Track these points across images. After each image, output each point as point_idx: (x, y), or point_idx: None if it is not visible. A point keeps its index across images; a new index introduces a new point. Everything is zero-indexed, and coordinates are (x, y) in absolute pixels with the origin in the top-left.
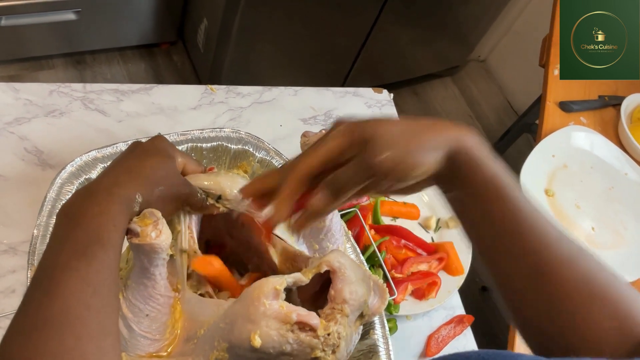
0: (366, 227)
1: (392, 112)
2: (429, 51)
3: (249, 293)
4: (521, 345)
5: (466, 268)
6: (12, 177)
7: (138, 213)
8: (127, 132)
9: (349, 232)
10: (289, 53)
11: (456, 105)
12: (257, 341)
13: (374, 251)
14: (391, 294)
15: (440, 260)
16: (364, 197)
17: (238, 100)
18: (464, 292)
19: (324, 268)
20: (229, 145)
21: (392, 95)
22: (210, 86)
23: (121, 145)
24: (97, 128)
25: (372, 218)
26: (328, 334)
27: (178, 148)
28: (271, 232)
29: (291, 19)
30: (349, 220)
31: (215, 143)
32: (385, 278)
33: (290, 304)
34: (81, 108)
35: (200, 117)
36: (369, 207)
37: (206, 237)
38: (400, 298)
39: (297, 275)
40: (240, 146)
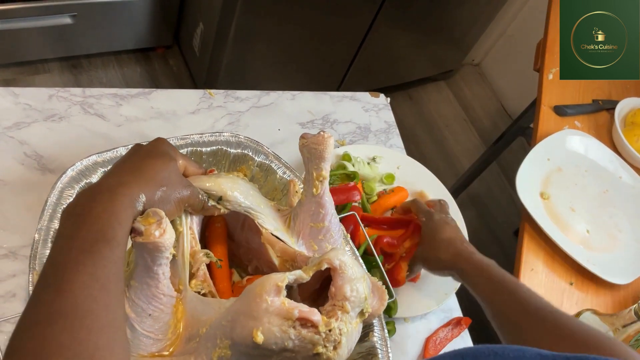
0: (364, 230)
1: (389, 117)
2: (424, 55)
3: (251, 290)
4: None
5: None
6: (12, 182)
7: (141, 213)
8: (127, 137)
9: (348, 236)
10: (285, 57)
11: (450, 109)
12: (260, 337)
13: (372, 255)
14: (390, 297)
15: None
16: (358, 197)
17: (236, 104)
18: (461, 294)
19: (325, 265)
20: (229, 149)
21: (389, 99)
22: (208, 90)
23: (121, 149)
24: (97, 132)
25: (362, 208)
26: (329, 330)
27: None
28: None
29: (287, 23)
30: (345, 218)
31: (214, 147)
32: (383, 281)
33: (292, 301)
34: (80, 112)
35: (199, 122)
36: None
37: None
38: (402, 277)
39: (298, 272)
40: (239, 150)
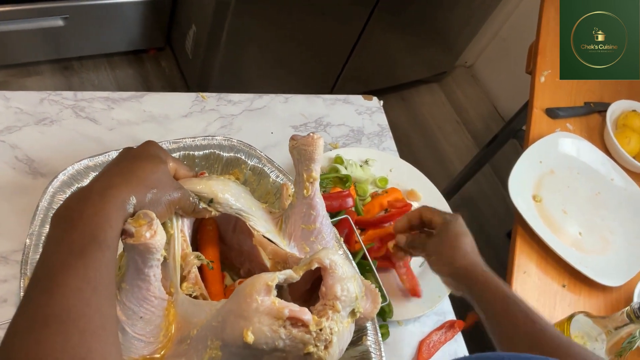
0: (357, 233)
1: (382, 120)
2: (417, 57)
3: (241, 290)
4: None
5: None
6: (3, 186)
7: (132, 215)
8: (119, 140)
9: (341, 239)
10: (278, 59)
11: (443, 111)
12: (250, 337)
13: (365, 258)
14: (383, 301)
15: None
16: (351, 204)
17: (229, 107)
18: (455, 298)
19: (315, 265)
20: (221, 153)
21: (382, 102)
22: (201, 94)
23: (113, 153)
24: (88, 136)
25: (355, 211)
26: (320, 329)
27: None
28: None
29: (280, 25)
30: (338, 223)
31: (207, 151)
32: (377, 284)
33: (282, 300)
34: (72, 116)
35: (191, 125)
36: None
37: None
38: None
39: (289, 272)
40: (232, 154)
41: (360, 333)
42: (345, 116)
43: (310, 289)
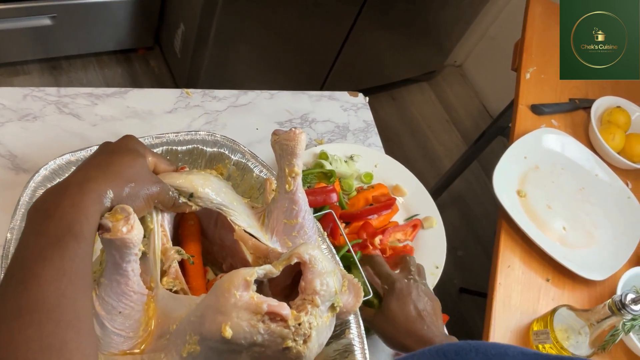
0: (341, 228)
1: (367, 116)
2: (406, 57)
3: (220, 285)
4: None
5: (441, 268)
6: None
7: (109, 209)
8: (102, 136)
9: (325, 233)
10: (267, 58)
11: (433, 109)
12: (228, 332)
13: (348, 251)
14: (366, 294)
15: (414, 227)
16: (335, 199)
17: (214, 103)
18: (441, 293)
19: (294, 260)
20: (205, 148)
21: (367, 98)
22: (186, 90)
23: (95, 148)
24: (72, 132)
25: (340, 206)
26: (299, 324)
27: (153, 150)
28: None
29: (268, 24)
30: (323, 217)
31: (190, 146)
32: (360, 278)
33: (260, 295)
34: (55, 112)
35: (175, 121)
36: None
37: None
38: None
39: (268, 267)
40: (215, 149)
41: (343, 326)
42: (330, 112)
43: (291, 284)
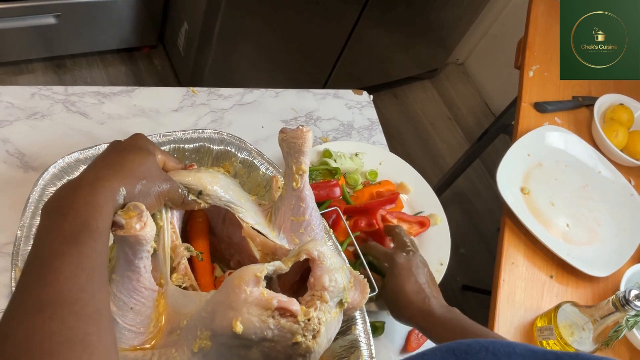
0: (344, 222)
1: (372, 114)
2: (409, 55)
3: (230, 281)
4: None
5: (445, 264)
6: None
7: (122, 206)
8: (109, 134)
9: (331, 230)
10: (270, 57)
11: (435, 107)
12: (239, 327)
13: (353, 245)
14: (372, 291)
15: (421, 224)
16: (339, 193)
17: (220, 102)
18: (444, 290)
19: (303, 256)
20: (211, 146)
21: (372, 96)
22: (192, 88)
23: (103, 146)
24: (79, 130)
25: (344, 201)
26: (308, 320)
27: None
28: None
29: (272, 23)
30: (327, 213)
31: (197, 144)
32: (365, 275)
33: (270, 291)
34: (63, 110)
35: (182, 119)
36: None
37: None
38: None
39: (277, 263)
40: (222, 147)
41: (349, 322)
42: (335, 110)
43: (299, 280)
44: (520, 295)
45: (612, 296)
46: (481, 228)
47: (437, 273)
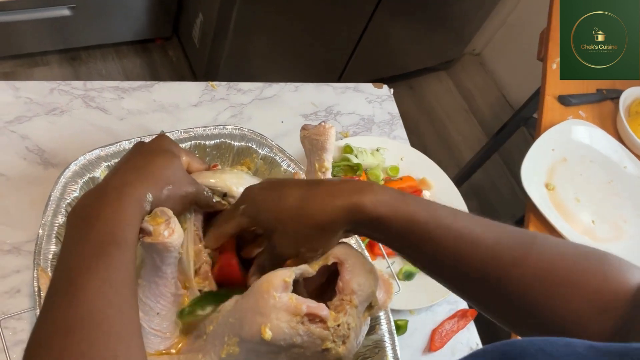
0: None
1: (392, 108)
2: (425, 45)
3: (258, 286)
4: None
5: None
6: (14, 177)
7: (149, 212)
8: (129, 130)
9: None
10: (286, 47)
11: (451, 99)
12: (268, 334)
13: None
14: (395, 290)
15: None
16: None
17: (239, 96)
18: None
19: (332, 260)
20: (232, 142)
21: (392, 90)
22: (211, 83)
23: (124, 143)
24: (99, 126)
25: None
26: (338, 325)
27: (181, 145)
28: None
29: (287, 13)
30: None
31: (218, 140)
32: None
33: (299, 297)
34: (82, 106)
35: (201, 114)
36: None
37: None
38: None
39: (304, 267)
40: (243, 143)
41: (373, 322)
42: (355, 104)
43: (325, 282)
44: None
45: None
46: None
47: None
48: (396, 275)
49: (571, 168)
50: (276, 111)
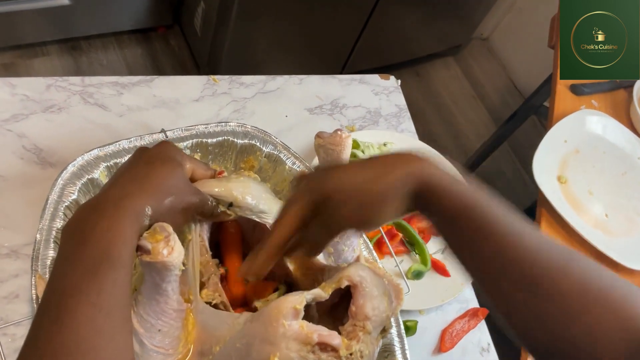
0: (385, 238)
1: (400, 100)
2: (431, 30)
3: (267, 313)
4: None
5: None
6: (11, 177)
7: (148, 227)
8: (129, 127)
9: (363, 232)
10: (289, 34)
11: (459, 85)
12: None
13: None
14: (405, 291)
15: None
16: None
17: (241, 90)
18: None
19: (345, 283)
20: (235, 139)
21: (400, 81)
22: (212, 77)
23: (124, 142)
24: (98, 123)
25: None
26: (350, 354)
27: (183, 144)
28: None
29: (291, 0)
30: None
31: (220, 138)
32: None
33: (310, 324)
34: (80, 103)
35: (203, 109)
36: None
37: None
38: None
39: (317, 291)
40: (246, 140)
41: None
42: (361, 97)
43: (337, 302)
44: None
45: None
46: None
47: None
48: (405, 274)
49: (584, 160)
50: (280, 105)
